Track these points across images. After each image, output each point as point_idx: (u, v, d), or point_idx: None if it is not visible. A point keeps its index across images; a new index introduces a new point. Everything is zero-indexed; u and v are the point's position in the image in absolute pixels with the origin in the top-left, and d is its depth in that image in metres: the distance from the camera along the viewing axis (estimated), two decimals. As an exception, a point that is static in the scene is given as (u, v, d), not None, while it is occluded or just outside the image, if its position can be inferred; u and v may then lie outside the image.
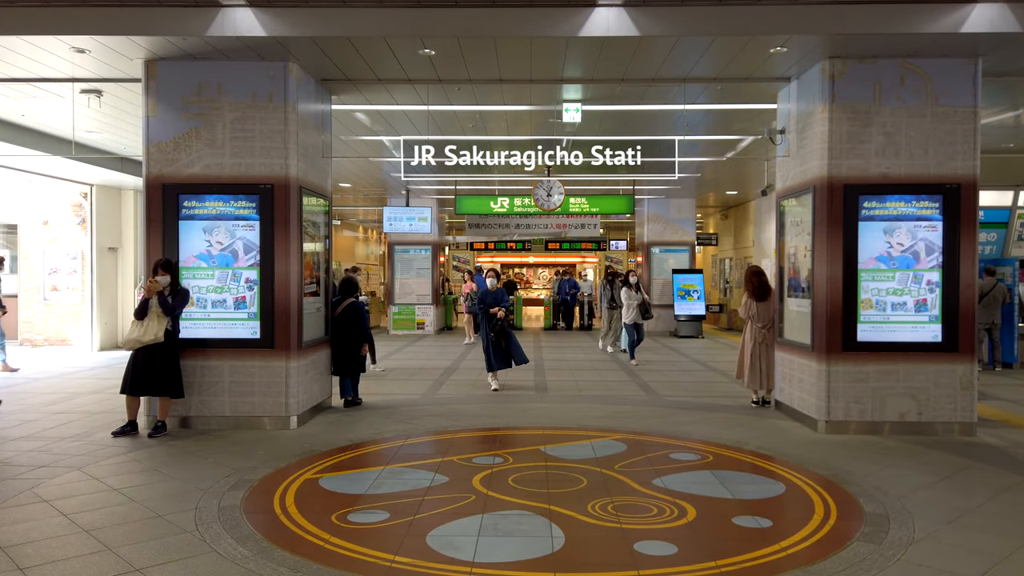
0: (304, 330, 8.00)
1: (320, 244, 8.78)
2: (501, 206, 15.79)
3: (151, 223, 7.71)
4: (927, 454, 6.78)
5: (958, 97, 7.49)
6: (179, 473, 6.05)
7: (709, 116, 10.49)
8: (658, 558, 4.32)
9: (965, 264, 7.53)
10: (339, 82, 8.48)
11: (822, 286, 7.63)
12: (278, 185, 7.66)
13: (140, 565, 4.15)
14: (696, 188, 18.73)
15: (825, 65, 7.55)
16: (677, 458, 6.58)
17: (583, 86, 8.81)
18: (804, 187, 8.00)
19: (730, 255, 22.93)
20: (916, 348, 7.55)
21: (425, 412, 8.60)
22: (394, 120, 10.44)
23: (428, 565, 4.19)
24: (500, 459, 6.52)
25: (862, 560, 4.29)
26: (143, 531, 4.71)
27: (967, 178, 7.51)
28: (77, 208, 15.27)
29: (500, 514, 5.06)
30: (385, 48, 7.30)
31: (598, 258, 28.34)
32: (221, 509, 5.12)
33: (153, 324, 7.25)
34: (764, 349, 8.99)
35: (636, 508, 5.20)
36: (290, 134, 7.67)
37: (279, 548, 4.44)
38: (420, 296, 20.01)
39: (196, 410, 7.71)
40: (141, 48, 7.23)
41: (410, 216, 17.59)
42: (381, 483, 5.80)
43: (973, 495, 5.55)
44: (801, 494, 5.60)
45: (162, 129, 7.67)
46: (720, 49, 7.35)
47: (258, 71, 7.63)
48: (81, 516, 4.97)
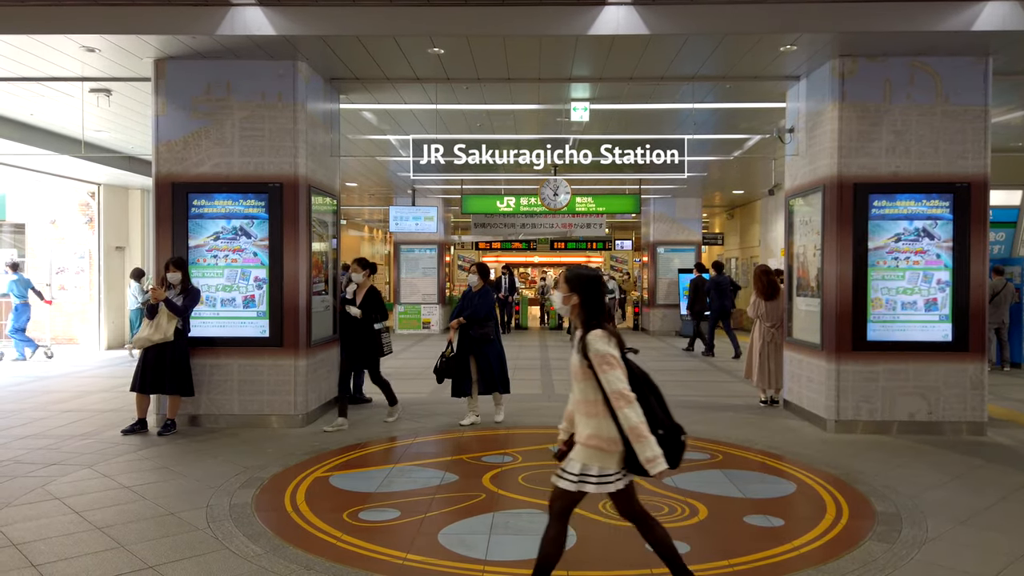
0: (313, 329, 8.01)
1: (328, 243, 8.78)
2: (507, 205, 15.79)
3: (161, 222, 7.73)
4: (938, 454, 6.76)
5: (968, 96, 7.47)
6: (189, 471, 6.06)
7: (717, 115, 10.47)
8: (670, 557, 4.30)
9: (975, 263, 7.51)
10: (348, 81, 8.48)
11: (832, 285, 7.62)
12: (287, 184, 7.67)
13: (153, 562, 4.16)
14: (702, 188, 18.71)
15: (835, 63, 7.53)
16: (687, 457, 6.50)
17: (591, 85, 8.81)
18: (814, 186, 7.98)
19: (736, 255, 22.90)
20: (926, 347, 7.53)
21: (432, 411, 8.60)
22: (402, 119, 10.45)
23: (441, 563, 4.19)
24: (510, 458, 6.52)
25: (875, 560, 4.28)
26: (155, 529, 4.72)
27: (977, 177, 7.49)
28: (84, 207, 15.31)
29: (511, 512, 5.06)
30: (394, 47, 7.31)
31: (603, 258, 28.30)
32: (232, 507, 5.13)
33: (163, 323, 7.26)
34: (773, 348, 8.97)
35: (647, 507, 5.16)
36: (299, 133, 7.68)
37: (291, 546, 4.44)
38: (426, 295, 20.02)
39: (205, 408, 7.72)
40: (151, 47, 7.24)
41: (416, 216, 17.61)
42: (391, 481, 5.80)
43: (985, 495, 5.53)
44: (812, 493, 5.58)
45: (171, 128, 7.69)
46: (729, 47, 7.34)
47: (267, 70, 7.64)
48: (92, 513, 4.98)
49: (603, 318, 3.49)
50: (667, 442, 3.35)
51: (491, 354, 7.85)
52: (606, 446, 3.39)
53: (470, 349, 7.81)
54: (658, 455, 3.28)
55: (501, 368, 7.93)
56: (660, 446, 3.29)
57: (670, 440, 3.37)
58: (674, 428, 3.41)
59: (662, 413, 3.41)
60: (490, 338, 7.81)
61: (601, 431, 3.40)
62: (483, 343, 7.80)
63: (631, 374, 3.44)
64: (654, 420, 3.36)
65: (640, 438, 3.29)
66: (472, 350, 7.81)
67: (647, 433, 3.29)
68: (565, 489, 3.48)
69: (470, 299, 7.93)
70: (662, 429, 3.36)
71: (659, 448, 3.29)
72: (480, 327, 7.77)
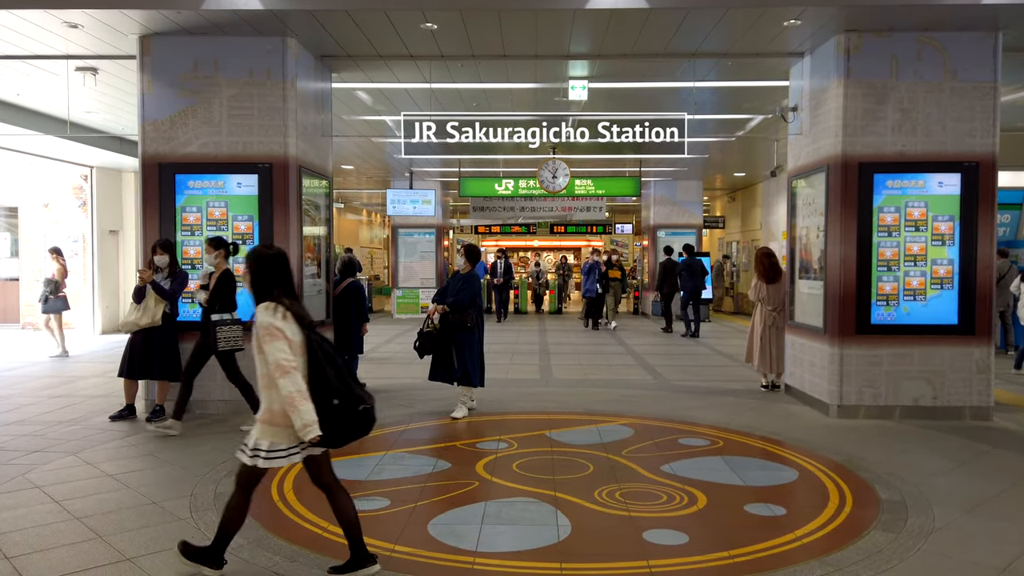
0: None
1: (321, 226, 8.60)
2: (506, 188, 15.58)
3: (147, 203, 7.55)
4: (943, 439, 6.61)
5: (977, 72, 7.25)
6: (176, 459, 5.91)
7: (719, 94, 10.25)
8: (668, 547, 4.16)
9: (983, 245, 7.33)
10: (339, 59, 8.26)
11: (835, 267, 7.43)
12: (277, 164, 7.47)
13: (131, 554, 4.01)
14: (703, 170, 18.48)
15: (840, 39, 7.30)
16: (686, 443, 6.41)
17: (590, 62, 8.58)
18: (817, 166, 7.78)
19: (737, 238, 22.69)
20: (932, 331, 7.36)
21: (427, 396, 8.44)
22: (396, 99, 10.22)
23: (429, 554, 4.04)
24: (505, 444, 6.37)
25: (880, 550, 4.13)
26: (136, 518, 4.57)
27: (986, 156, 7.29)
28: (78, 191, 15.10)
29: (504, 501, 4.91)
30: (386, 22, 7.08)
31: (603, 241, 28.08)
32: (217, 496, 4.98)
33: (151, 306, 7.09)
34: (774, 332, 8.81)
35: (645, 495, 5.04)
36: (289, 112, 7.47)
37: (275, 536, 4.30)
38: (424, 280, 19.83)
39: (195, 394, 7.52)
40: (135, 23, 7.02)
41: (413, 199, 17.39)
42: (382, 469, 5.65)
43: (993, 482, 5.38)
44: (815, 481, 5.43)
45: (158, 107, 7.49)
46: (731, 22, 7.11)
47: (256, 47, 7.42)
48: (73, 503, 4.84)
49: (278, 293, 3.58)
50: (341, 413, 3.47)
51: (465, 344, 7.32)
52: (275, 419, 3.48)
53: (447, 334, 7.34)
54: (309, 422, 3.39)
55: (474, 360, 7.39)
56: (334, 416, 3.44)
57: (345, 411, 3.48)
58: (353, 399, 3.51)
59: (340, 384, 3.49)
60: (467, 326, 7.29)
61: (272, 404, 3.49)
62: (460, 330, 7.31)
63: (310, 346, 3.51)
64: (327, 390, 3.45)
65: (293, 407, 3.39)
66: (449, 336, 7.34)
67: (300, 403, 3.39)
68: (243, 462, 3.58)
69: (455, 283, 7.48)
70: (337, 399, 3.46)
71: (313, 416, 3.39)
72: (458, 313, 7.30)
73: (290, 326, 3.49)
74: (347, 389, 3.51)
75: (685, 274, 15.41)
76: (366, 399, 3.56)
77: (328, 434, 3.45)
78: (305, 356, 3.50)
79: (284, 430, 3.47)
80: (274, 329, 3.44)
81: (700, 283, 15.54)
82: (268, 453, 3.48)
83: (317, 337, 3.57)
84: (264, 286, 3.60)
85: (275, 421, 3.48)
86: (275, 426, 3.48)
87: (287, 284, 3.65)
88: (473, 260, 7.58)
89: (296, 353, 3.47)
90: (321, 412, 3.42)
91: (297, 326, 3.51)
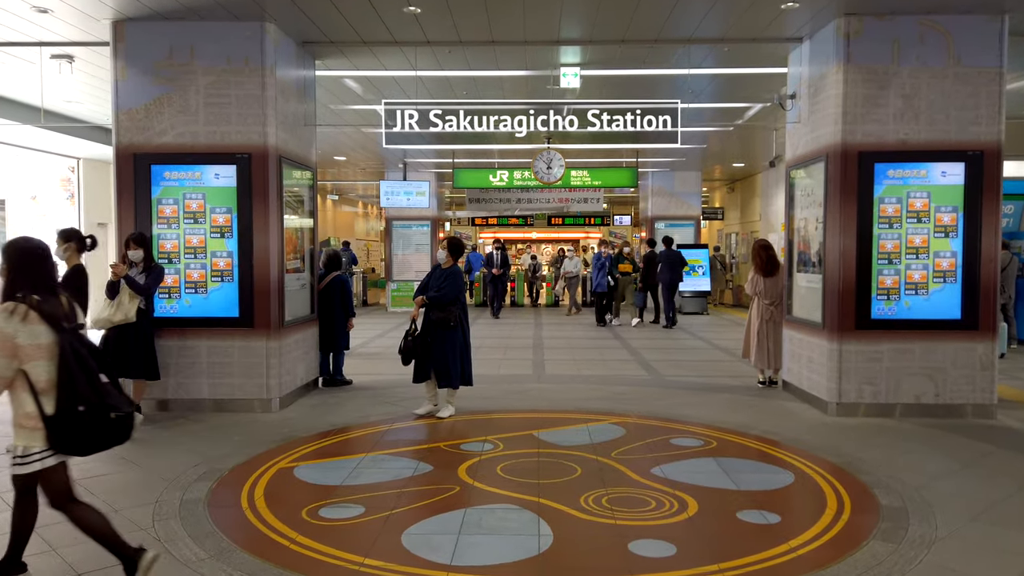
0: (287, 308, 7.59)
1: (305, 218, 8.34)
2: (500, 179, 15.29)
3: (122, 195, 7.32)
4: (946, 439, 6.36)
5: (982, 57, 6.97)
6: (146, 462, 5.67)
7: (715, 82, 9.96)
8: (654, 560, 3.92)
9: (987, 237, 7.07)
10: (322, 45, 7.99)
11: (834, 260, 7.17)
12: (256, 154, 7.21)
13: (83, 569, 3.77)
14: (702, 161, 18.19)
15: (840, 23, 7.02)
16: (678, 444, 6.17)
17: (581, 48, 8.31)
18: (816, 155, 7.51)
19: (736, 229, 22.42)
20: (934, 326, 7.10)
21: (415, 394, 8.16)
22: (385, 87, 9.93)
23: (400, 569, 3.80)
24: (490, 445, 6.12)
25: (880, 563, 3.89)
26: (95, 528, 4.32)
27: (990, 145, 7.02)
28: (65, 183, 14.84)
29: (485, 508, 4.67)
30: (367, 6, 6.81)
31: (601, 233, 27.82)
32: (183, 503, 4.74)
33: (125, 303, 6.83)
34: (772, 327, 8.55)
35: (633, 501, 4.79)
36: (268, 100, 7.20)
37: (239, 549, 4.05)
38: (419, 273, 19.53)
39: (173, 392, 7.33)
40: (107, 7, 6.75)
41: (408, 190, 17.14)
42: (360, 473, 5.41)
43: (998, 485, 5.14)
44: (811, 484, 5.19)
45: (132, 95, 7.22)
46: (727, 4, 6.83)
47: (233, 32, 7.14)
48: (31, 511, 4.59)
49: (25, 292, 3.32)
50: (87, 420, 3.30)
51: (448, 342, 6.94)
52: (25, 422, 3.33)
53: (429, 333, 7.00)
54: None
55: (456, 360, 7.01)
56: (79, 424, 3.28)
57: (91, 418, 3.31)
58: (103, 406, 3.33)
59: (89, 390, 3.31)
60: (449, 324, 6.90)
61: (22, 406, 3.33)
62: (442, 328, 6.94)
63: (62, 349, 3.29)
64: (72, 397, 3.28)
65: None
66: (430, 334, 6.99)
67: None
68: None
69: (436, 278, 7.04)
70: (84, 405, 3.29)
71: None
72: (440, 310, 6.93)
73: (30, 328, 3.26)
74: (97, 396, 3.34)
75: (664, 266, 15.45)
76: (121, 406, 3.40)
77: (72, 442, 3.33)
78: (56, 360, 3.30)
79: (35, 432, 3.32)
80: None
81: (678, 275, 15.68)
82: (22, 459, 3.34)
83: (71, 339, 3.37)
84: (11, 283, 3.40)
85: (25, 423, 3.33)
86: (27, 429, 3.33)
87: (46, 279, 3.46)
88: (456, 254, 7.16)
89: (43, 356, 3.28)
90: (66, 419, 3.27)
91: (46, 326, 3.30)
